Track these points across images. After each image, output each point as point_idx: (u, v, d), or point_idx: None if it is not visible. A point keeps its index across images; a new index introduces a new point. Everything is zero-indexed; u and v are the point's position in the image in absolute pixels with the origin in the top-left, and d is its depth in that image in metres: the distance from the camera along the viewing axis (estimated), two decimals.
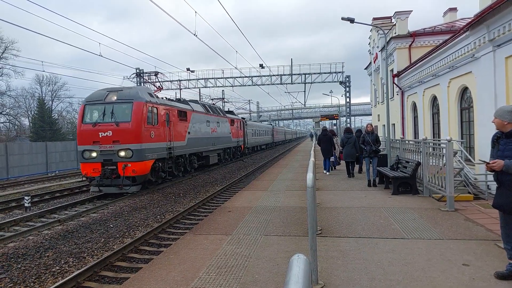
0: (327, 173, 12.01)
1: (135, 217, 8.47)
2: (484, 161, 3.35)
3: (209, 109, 19.31)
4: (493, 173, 3.42)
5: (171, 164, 13.74)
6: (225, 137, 21.54)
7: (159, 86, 16.06)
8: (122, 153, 10.93)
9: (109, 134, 11.02)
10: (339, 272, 3.61)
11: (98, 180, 10.90)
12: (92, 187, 11.42)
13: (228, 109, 31.05)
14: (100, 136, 11.04)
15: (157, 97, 13.37)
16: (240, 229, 5.38)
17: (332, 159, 12.43)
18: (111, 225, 7.76)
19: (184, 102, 16.82)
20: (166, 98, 15.20)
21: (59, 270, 5.27)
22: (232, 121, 23.47)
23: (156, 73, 15.79)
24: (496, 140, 3.46)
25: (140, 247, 6.27)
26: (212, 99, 28.61)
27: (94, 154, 11.10)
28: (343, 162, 12.35)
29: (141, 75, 15.83)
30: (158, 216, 8.59)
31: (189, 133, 15.30)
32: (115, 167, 10.94)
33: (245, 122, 28.59)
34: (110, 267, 5.36)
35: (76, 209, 9.71)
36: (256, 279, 3.53)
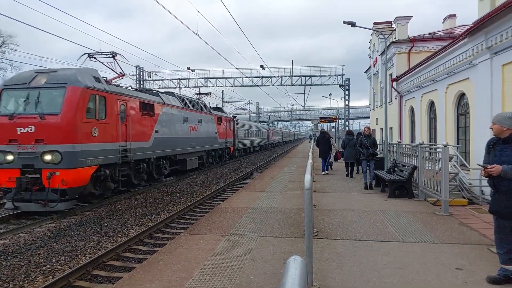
0: (323, 173, 12.53)
1: (130, 216, 8.41)
2: (483, 166, 3.36)
3: (188, 103, 15.99)
4: (488, 178, 3.44)
5: (128, 171, 10.81)
6: (210, 138, 18.48)
7: (120, 72, 11.94)
8: (48, 157, 8.06)
9: (31, 130, 8.11)
10: (334, 274, 3.60)
11: (14, 193, 7.93)
12: (7, 201, 8.42)
13: (222, 108, 30.65)
14: (19, 133, 8.13)
15: (110, 83, 10.35)
16: (236, 229, 5.36)
17: (329, 159, 13.17)
18: (105, 224, 7.70)
19: (153, 93, 13.34)
20: (133, 88, 12.43)
21: (50, 269, 5.21)
22: (219, 119, 20.34)
23: (113, 54, 11.37)
24: (492, 146, 3.47)
25: (134, 247, 6.22)
26: (197, 93, 24.26)
27: (10, 158, 8.18)
28: (338, 162, 13.80)
29: (93, 56, 11.32)
30: (153, 215, 8.54)
31: (156, 131, 12.23)
32: (38, 176, 8.07)
33: (236, 121, 25.73)
34: (102, 266, 5.31)
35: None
36: (251, 280, 3.51)
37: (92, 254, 5.79)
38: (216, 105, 28.08)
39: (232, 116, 26.82)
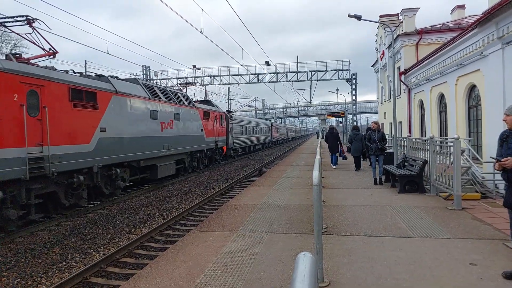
0: (334, 166, 13.22)
1: (141, 214, 8.54)
2: (496, 159, 3.30)
3: (159, 93, 12.47)
4: (501, 172, 3.37)
5: (53, 187, 7.69)
6: (193, 136, 15.08)
7: (50, 50, 8.75)
8: None
9: None
10: (345, 270, 3.60)
11: None
12: None
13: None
14: None
15: (28, 62, 7.67)
16: (245, 226, 5.39)
17: (338, 154, 13.74)
18: (117, 222, 7.84)
19: (100, 77, 9.91)
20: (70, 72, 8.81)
21: (66, 266, 5.35)
22: (206, 114, 16.89)
23: (29, 20, 8.12)
24: (505, 139, 3.40)
25: (146, 244, 6.33)
26: (180, 83, 19.18)
27: None
28: (348, 157, 14.29)
29: (1, 24, 7.83)
30: (164, 213, 8.65)
31: (103, 129, 9.13)
32: None
33: (231, 116, 22.27)
34: (116, 263, 5.42)
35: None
36: (261, 276, 3.53)
37: (106, 251, 5.91)
38: (205, 97, 24.59)
39: (226, 110, 23.76)
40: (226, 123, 20.81)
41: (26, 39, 8.47)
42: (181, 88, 19.70)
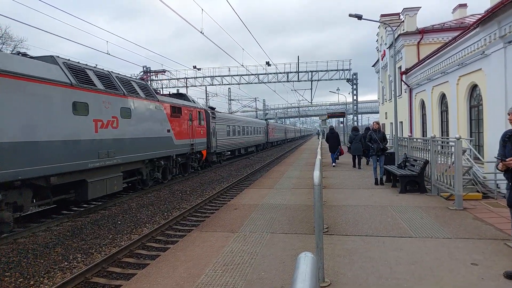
0: (333, 164, 13.74)
1: (143, 214, 8.55)
2: (500, 159, 3.28)
3: (93, 78, 8.92)
4: (503, 171, 3.36)
5: None
6: (153, 139, 11.47)
7: None
8: None
9: None
10: (346, 270, 3.60)
11: None
12: None
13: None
14: None
15: None
16: (246, 226, 5.39)
17: (337, 154, 14.49)
18: (119, 222, 7.86)
19: None
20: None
21: (68, 266, 5.36)
22: (175, 110, 13.26)
23: None
24: (508, 139, 3.40)
25: (147, 244, 6.34)
26: (143, 71, 14.26)
27: None
28: (343, 156, 15.41)
29: None
30: (165, 213, 8.66)
31: None
32: None
33: (213, 113, 19.00)
34: (117, 263, 5.43)
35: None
36: (262, 276, 3.54)
37: (107, 252, 5.93)
38: (178, 90, 19.72)
39: (209, 107, 20.65)
40: (207, 122, 17.42)
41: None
42: (144, 77, 14.45)
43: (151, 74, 14.99)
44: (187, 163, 15.00)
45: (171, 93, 16.37)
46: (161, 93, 14.48)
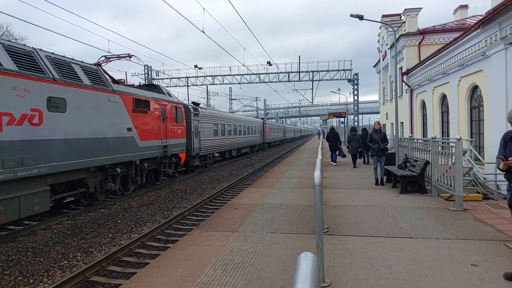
0: (334, 163, 14.12)
1: (143, 213, 8.56)
2: (502, 158, 3.27)
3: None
4: (504, 172, 3.36)
5: None
6: (104, 140, 9.05)
7: None
8: None
9: None
10: (346, 270, 3.60)
11: None
12: None
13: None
14: None
15: None
16: (246, 226, 5.39)
17: (337, 153, 14.95)
18: (119, 221, 7.86)
19: None
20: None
21: (67, 264, 5.37)
22: (140, 104, 10.84)
23: None
24: (509, 139, 3.39)
25: (147, 243, 6.34)
26: (106, 56, 11.72)
27: None
28: (346, 155, 15.53)
29: None
30: (165, 212, 8.66)
31: None
32: None
33: (196, 110, 16.41)
34: (117, 262, 5.43)
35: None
36: (262, 276, 3.53)
37: (107, 250, 5.93)
38: (153, 81, 17.12)
39: (192, 102, 17.96)
40: (188, 120, 14.99)
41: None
42: (101, 61, 11.14)
43: (113, 58, 11.29)
44: (159, 169, 12.27)
45: (141, 84, 13.29)
46: (126, 82, 11.35)
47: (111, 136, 9.39)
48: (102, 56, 11.45)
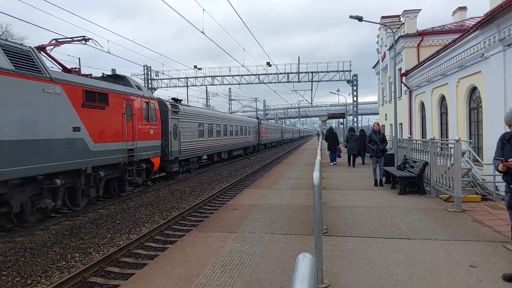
0: (332, 163, 14.55)
1: (141, 214, 8.54)
2: (501, 159, 3.27)
3: None
4: (503, 173, 3.36)
5: None
6: (35, 143, 6.99)
7: None
8: None
9: None
10: (345, 271, 3.59)
11: None
12: None
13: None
14: None
15: None
16: (245, 227, 5.39)
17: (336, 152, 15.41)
18: (117, 221, 7.84)
19: None
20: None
21: (65, 265, 5.35)
22: (95, 98, 8.88)
23: None
24: (507, 140, 3.40)
25: (146, 244, 6.33)
26: (57, 39, 9.54)
27: None
28: (343, 156, 16.14)
29: None
30: (164, 213, 8.65)
31: None
32: None
33: (175, 107, 14.36)
34: (116, 263, 5.42)
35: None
36: (261, 277, 3.53)
37: (105, 251, 5.91)
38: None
39: (172, 98, 15.99)
40: (164, 119, 13.03)
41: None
42: (45, 45, 9.14)
43: (65, 41, 9.56)
44: (125, 179, 10.24)
45: (105, 74, 10.94)
46: (77, 70, 9.43)
47: (47, 137, 7.31)
48: (53, 39, 9.63)
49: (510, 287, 3.18)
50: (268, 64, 29.26)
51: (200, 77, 31.22)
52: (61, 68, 8.99)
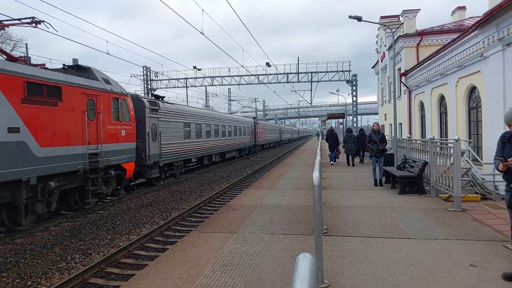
0: (332, 163, 14.96)
1: (142, 214, 8.54)
2: (501, 159, 3.28)
3: None
4: (503, 172, 3.37)
5: None
6: None
7: None
8: None
9: None
10: (345, 271, 3.60)
11: None
12: None
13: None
14: None
15: None
16: (245, 227, 5.39)
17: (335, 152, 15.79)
18: (117, 222, 7.84)
19: None
20: None
21: (65, 266, 5.35)
22: (42, 91, 7.21)
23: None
24: (507, 140, 3.40)
25: (146, 244, 6.33)
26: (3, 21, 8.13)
27: None
28: (342, 156, 16.13)
29: None
30: (164, 214, 8.65)
31: None
32: None
33: (155, 104, 12.74)
34: (116, 264, 5.42)
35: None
36: (261, 277, 3.53)
37: (106, 252, 5.91)
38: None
39: (152, 95, 14.56)
40: (141, 118, 11.56)
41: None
42: None
43: (12, 22, 8.03)
44: (86, 188, 8.68)
45: (65, 65, 9.07)
46: (25, 58, 7.95)
47: None
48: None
49: (510, 286, 3.18)
50: (268, 64, 29.27)
51: (200, 77, 31.24)
52: (6, 57, 7.70)
